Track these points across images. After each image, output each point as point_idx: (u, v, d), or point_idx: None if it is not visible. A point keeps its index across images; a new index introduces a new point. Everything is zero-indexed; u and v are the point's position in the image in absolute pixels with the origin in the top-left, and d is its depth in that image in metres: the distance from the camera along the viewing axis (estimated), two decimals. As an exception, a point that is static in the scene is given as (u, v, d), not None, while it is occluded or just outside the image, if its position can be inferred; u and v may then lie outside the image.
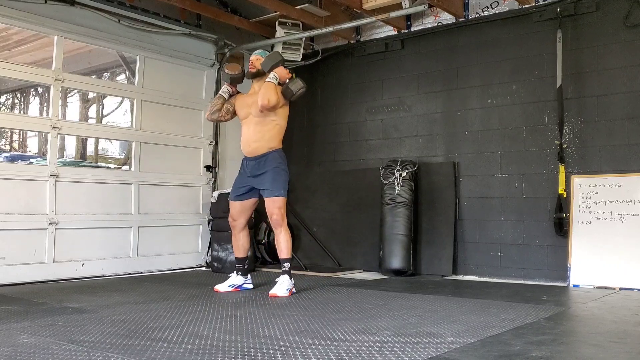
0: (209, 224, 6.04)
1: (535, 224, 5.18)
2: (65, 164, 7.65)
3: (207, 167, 6.23)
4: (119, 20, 5.46)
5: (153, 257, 5.74)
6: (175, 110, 6.00)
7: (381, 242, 5.59)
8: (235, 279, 4.49)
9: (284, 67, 4.48)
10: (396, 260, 5.44)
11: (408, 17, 5.92)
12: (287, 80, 4.35)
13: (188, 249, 6.10)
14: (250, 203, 4.50)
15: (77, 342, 2.66)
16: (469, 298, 4.13)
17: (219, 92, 4.58)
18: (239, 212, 4.48)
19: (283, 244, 4.27)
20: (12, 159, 8.88)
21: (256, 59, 4.45)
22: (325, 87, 6.78)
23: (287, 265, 4.26)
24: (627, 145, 4.79)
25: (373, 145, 6.33)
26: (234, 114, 4.55)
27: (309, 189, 6.62)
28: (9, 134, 10.94)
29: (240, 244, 4.52)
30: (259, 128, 4.34)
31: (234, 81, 4.51)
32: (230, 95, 4.56)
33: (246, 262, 4.54)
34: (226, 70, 4.51)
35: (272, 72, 4.31)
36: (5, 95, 11.07)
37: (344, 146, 6.58)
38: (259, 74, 4.41)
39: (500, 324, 3.12)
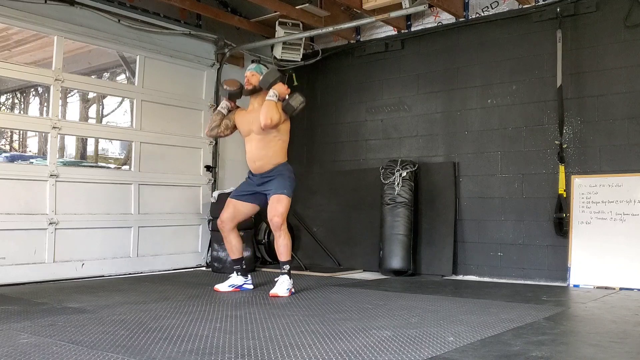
0: (209, 224, 6.04)
1: (535, 224, 5.18)
2: (65, 164, 7.65)
3: (207, 167, 6.23)
4: (119, 20, 5.45)
5: (153, 257, 5.74)
6: (175, 110, 6.00)
7: (381, 242, 5.59)
8: (236, 279, 4.49)
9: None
10: (396, 260, 5.44)
11: (408, 17, 5.92)
12: (287, 96, 4.32)
13: (188, 249, 6.10)
14: (246, 207, 4.47)
15: (77, 342, 2.66)
16: (469, 298, 4.13)
17: (218, 108, 4.57)
18: (231, 215, 4.43)
19: (282, 248, 4.24)
20: (12, 159, 8.88)
21: (251, 75, 4.41)
22: (325, 87, 6.78)
23: (287, 267, 4.25)
24: (627, 145, 4.79)
25: (373, 145, 6.33)
26: (233, 129, 4.54)
27: (309, 189, 6.62)
28: (9, 134, 10.94)
29: (233, 245, 4.49)
30: (262, 145, 4.33)
31: (233, 97, 4.50)
32: (229, 111, 4.54)
33: (243, 262, 4.54)
34: (224, 86, 4.49)
35: (271, 90, 4.27)
36: (5, 95, 11.07)
37: (344, 146, 6.58)
38: (257, 90, 4.40)
39: (500, 324, 3.12)
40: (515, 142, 5.35)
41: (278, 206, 4.24)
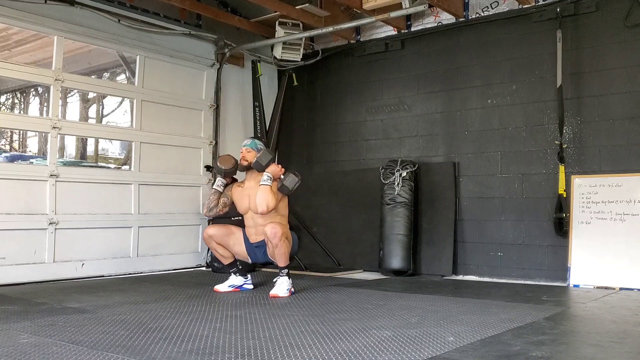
0: (209, 224, 6.03)
1: (535, 224, 5.18)
2: (65, 164, 7.65)
3: (207, 167, 6.23)
4: (119, 20, 5.46)
5: (153, 257, 5.74)
6: (175, 110, 6.00)
7: (381, 242, 5.59)
8: (235, 279, 4.49)
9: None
10: (396, 260, 5.44)
11: (408, 17, 5.92)
12: (282, 176, 4.28)
13: (188, 249, 6.10)
14: (240, 247, 4.42)
15: (77, 342, 2.66)
16: (469, 298, 4.13)
17: (214, 187, 4.50)
18: (221, 236, 4.37)
19: (281, 256, 4.16)
20: (12, 159, 8.87)
21: (247, 152, 4.39)
22: (325, 87, 6.78)
23: (285, 270, 4.24)
24: (627, 145, 4.79)
25: (373, 145, 6.33)
26: (232, 205, 4.49)
27: (309, 189, 6.61)
28: (9, 134, 10.94)
29: (222, 254, 4.45)
30: (261, 222, 4.28)
31: (228, 174, 4.47)
32: (225, 185, 4.50)
33: (237, 264, 4.52)
34: (219, 164, 4.47)
35: (265, 173, 4.23)
36: (5, 95, 11.07)
37: (344, 146, 6.58)
38: (251, 167, 4.37)
39: (500, 324, 3.12)
40: (515, 142, 5.35)
41: (277, 226, 4.12)
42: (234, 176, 4.58)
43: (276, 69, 6.90)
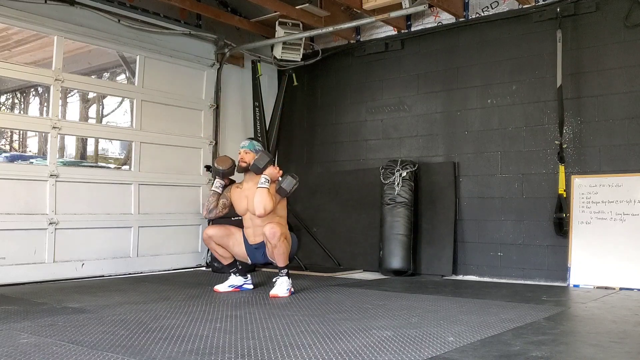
0: (208, 224, 6.03)
1: (535, 224, 5.18)
2: (65, 164, 7.64)
3: (207, 167, 6.23)
4: (119, 20, 5.46)
5: (153, 257, 5.74)
6: (175, 110, 6.00)
7: (381, 242, 5.59)
8: (235, 279, 4.49)
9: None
10: (396, 260, 5.44)
11: (408, 17, 5.93)
12: (280, 178, 4.27)
13: (188, 249, 6.10)
14: (239, 248, 4.43)
15: (77, 342, 2.66)
16: (469, 298, 4.13)
17: (212, 188, 4.48)
18: (220, 236, 4.38)
19: (280, 256, 4.16)
20: (12, 159, 8.87)
21: (245, 153, 4.37)
22: (325, 87, 6.78)
23: (285, 270, 4.25)
24: (627, 145, 4.79)
25: (373, 145, 6.33)
26: (231, 206, 4.48)
27: (309, 189, 6.62)
28: (9, 134, 10.94)
29: (221, 255, 4.45)
30: (259, 223, 4.27)
31: (226, 175, 4.47)
32: (224, 187, 4.50)
33: (237, 264, 4.52)
34: (216, 165, 4.46)
35: (262, 176, 4.23)
36: (5, 95, 11.07)
37: (344, 146, 6.58)
38: (249, 169, 4.36)
39: (500, 324, 3.12)
40: (515, 142, 5.35)
41: (277, 226, 4.12)
42: (232, 178, 4.58)
43: (276, 69, 6.91)
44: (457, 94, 5.75)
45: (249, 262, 4.53)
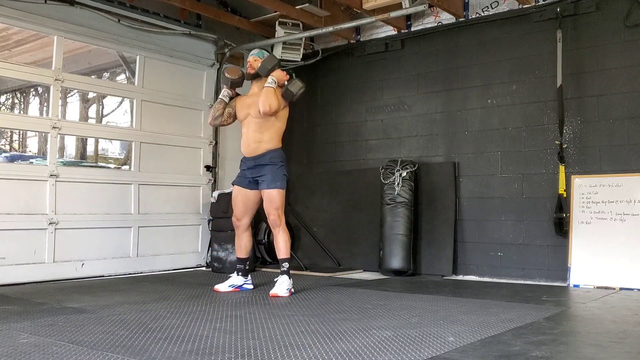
0: (209, 224, 6.04)
1: (535, 224, 5.18)
2: (65, 164, 7.65)
3: (207, 167, 6.24)
4: (119, 20, 5.46)
5: (153, 257, 5.74)
6: (175, 110, 6.00)
7: (381, 242, 5.59)
8: (236, 279, 4.49)
9: (281, 68, 4.46)
10: (396, 260, 5.44)
11: (408, 17, 5.92)
12: (286, 82, 4.34)
13: (188, 249, 6.10)
14: (253, 196, 4.43)
15: (77, 342, 2.66)
16: (469, 298, 4.13)
17: (220, 97, 4.56)
18: (244, 209, 4.43)
19: (282, 244, 4.27)
20: (12, 159, 8.88)
21: (254, 60, 4.44)
22: (325, 87, 6.78)
23: (286, 265, 4.26)
24: (627, 145, 4.78)
25: (373, 145, 6.33)
26: (235, 116, 4.54)
27: (309, 189, 6.62)
28: (9, 134, 10.94)
29: (243, 244, 4.51)
30: (257, 128, 4.34)
31: (234, 85, 4.50)
32: (231, 98, 4.55)
33: (247, 262, 4.54)
34: (226, 74, 4.49)
35: (270, 77, 4.30)
36: (5, 95, 11.07)
37: (344, 146, 6.58)
38: (258, 75, 4.41)
39: (500, 324, 3.12)
40: (515, 142, 5.35)
41: (273, 202, 4.26)
42: (239, 92, 4.59)
43: (276, 69, 6.90)
44: (457, 94, 5.75)
45: (258, 189, 4.42)
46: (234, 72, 4.50)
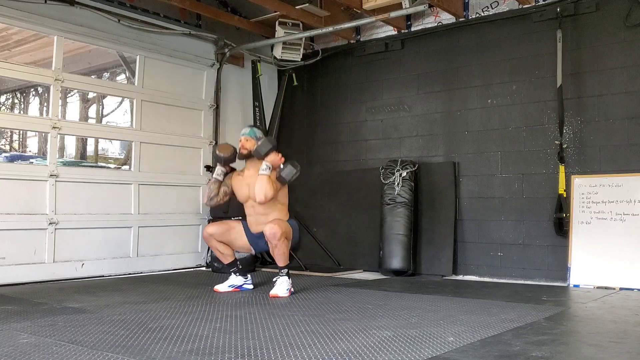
0: (208, 223, 6.03)
1: (535, 224, 5.18)
2: (65, 164, 7.65)
3: (207, 167, 6.23)
4: (119, 20, 5.45)
5: (153, 257, 5.74)
6: (175, 110, 6.00)
7: (381, 242, 5.59)
8: (235, 279, 4.49)
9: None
10: (396, 260, 5.44)
11: (408, 17, 5.92)
12: (281, 165, 4.25)
13: (188, 249, 6.10)
14: (242, 241, 4.42)
15: (77, 342, 2.66)
16: (469, 298, 4.13)
17: (214, 176, 4.45)
18: (220, 233, 4.37)
19: (280, 256, 4.17)
20: (12, 159, 8.88)
21: (246, 140, 4.35)
22: (325, 87, 6.78)
23: (285, 270, 4.25)
24: (627, 145, 4.79)
25: (373, 145, 6.33)
26: (232, 194, 4.47)
27: (309, 189, 6.62)
28: (9, 134, 10.94)
29: (222, 253, 4.44)
30: (262, 211, 4.29)
31: (227, 162, 4.45)
32: (225, 174, 4.48)
33: (237, 263, 4.52)
34: (217, 152, 4.44)
35: (264, 162, 4.21)
36: (5, 95, 11.07)
37: (344, 146, 6.58)
38: (251, 155, 4.33)
39: (500, 324, 3.12)
40: (515, 142, 5.35)
41: (276, 226, 4.12)
42: (233, 166, 4.56)
43: (276, 69, 6.90)
44: (457, 94, 5.75)
45: (253, 252, 4.52)
46: (226, 150, 4.44)
